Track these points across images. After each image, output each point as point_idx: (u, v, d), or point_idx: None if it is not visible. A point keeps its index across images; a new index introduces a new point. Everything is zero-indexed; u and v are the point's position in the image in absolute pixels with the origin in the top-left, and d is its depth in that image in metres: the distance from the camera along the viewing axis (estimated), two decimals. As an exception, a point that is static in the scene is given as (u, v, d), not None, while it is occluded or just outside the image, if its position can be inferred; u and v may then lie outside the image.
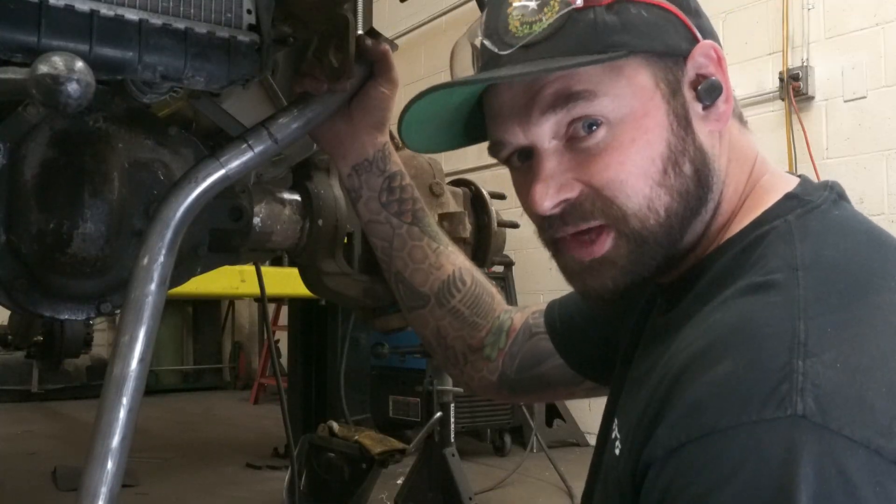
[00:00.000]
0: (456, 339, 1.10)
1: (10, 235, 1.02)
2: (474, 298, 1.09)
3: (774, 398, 0.55)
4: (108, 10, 0.84)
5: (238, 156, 0.95)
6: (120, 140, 1.08)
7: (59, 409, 6.79)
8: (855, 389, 0.55)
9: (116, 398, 0.84)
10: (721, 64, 0.77)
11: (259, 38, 0.95)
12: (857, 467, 0.52)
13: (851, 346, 0.58)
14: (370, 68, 1.05)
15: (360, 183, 1.09)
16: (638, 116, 0.74)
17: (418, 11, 6.24)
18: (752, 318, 0.62)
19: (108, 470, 0.81)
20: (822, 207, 0.73)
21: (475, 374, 1.11)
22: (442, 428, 3.01)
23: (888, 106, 3.78)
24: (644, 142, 0.73)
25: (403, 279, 1.10)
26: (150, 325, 0.87)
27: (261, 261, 1.82)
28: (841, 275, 0.65)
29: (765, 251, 0.70)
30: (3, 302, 1.05)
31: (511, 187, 0.88)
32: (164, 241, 0.89)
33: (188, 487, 3.94)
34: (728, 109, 0.77)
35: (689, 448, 0.57)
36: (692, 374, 0.61)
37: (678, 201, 0.74)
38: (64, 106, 0.72)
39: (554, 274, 0.86)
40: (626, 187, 0.73)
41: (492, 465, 4.45)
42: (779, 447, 0.53)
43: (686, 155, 0.75)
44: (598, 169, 0.74)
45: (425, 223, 1.10)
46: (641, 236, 0.74)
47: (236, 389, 8.44)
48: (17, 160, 1.02)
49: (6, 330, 4.52)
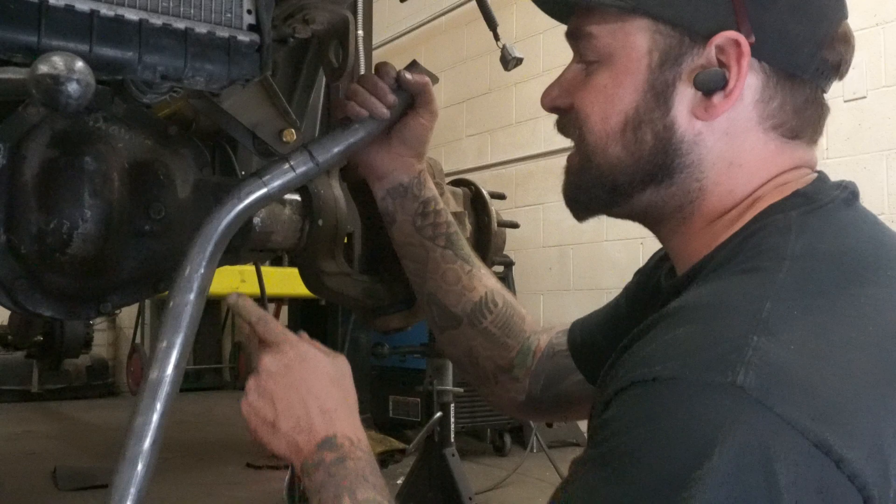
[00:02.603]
0: (487, 359, 1.11)
1: (10, 235, 1.02)
2: (505, 320, 1.11)
3: (720, 364, 0.56)
4: (108, 10, 0.84)
5: (280, 176, 1.00)
6: (120, 140, 1.09)
7: (58, 409, 6.79)
8: (804, 372, 0.56)
9: (151, 402, 0.86)
10: (740, 60, 0.73)
11: (259, 38, 0.95)
12: (779, 444, 0.53)
13: (814, 331, 0.59)
14: (411, 99, 1.08)
15: (395, 207, 1.12)
16: (618, 70, 0.78)
17: (418, 11, 6.23)
18: (725, 294, 0.65)
19: (138, 471, 0.83)
20: (828, 207, 0.73)
21: (505, 394, 1.12)
22: (442, 428, 3.01)
23: (888, 106, 3.78)
24: (616, 94, 0.78)
25: (436, 300, 1.12)
26: (188, 333, 0.90)
27: (261, 261, 1.82)
28: (827, 265, 0.66)
29: (759, 242, 0.70)
30: (4, 302, 1.05)
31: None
32: (206, 253, 0.93)
33: (188, 487, 3.93)
34: (724, 106, 0.75)
35: (630, 390, 0.60)
36: (654, 333, 0.65)
37: (631, 159, 0.79)
38: (64, 106, 0.72)
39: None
40: (589, 121, 0.81)
41: (492, 465, 4.45)
42: (710, 410, 0.55)
43: (650, 125, 0.77)
44: (581, 95, 0.82)
45: (458, 246, 1.12)
46: (590, 162, 0.81)
47: (236, 389, 8.43)
48: (17, 160, 1.02)
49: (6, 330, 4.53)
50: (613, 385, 0.63)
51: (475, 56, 5.75)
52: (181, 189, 1.14)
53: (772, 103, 0.76)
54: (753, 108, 0.76)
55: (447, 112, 6.21)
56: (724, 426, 0.54)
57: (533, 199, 5.24)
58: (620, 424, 0.59)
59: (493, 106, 5.71)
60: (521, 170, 5.44)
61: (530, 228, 5.14)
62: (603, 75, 0.79)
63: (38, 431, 5.69)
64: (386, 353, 3.20)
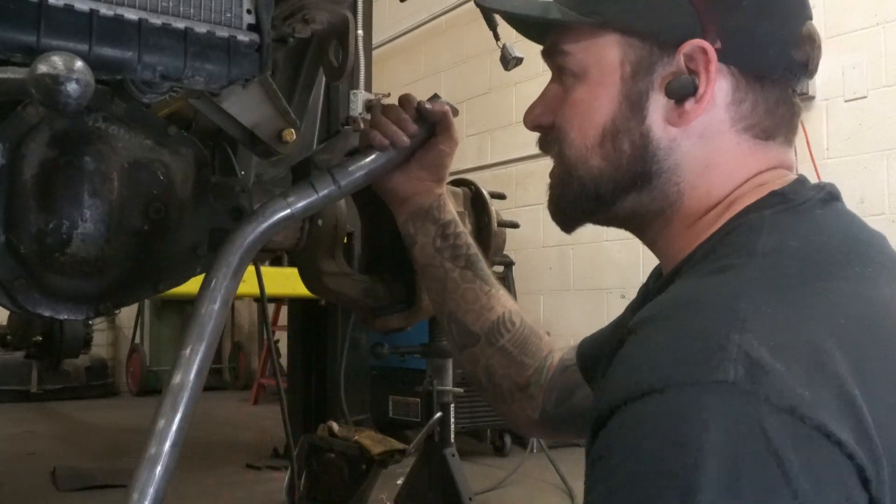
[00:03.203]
0: (503, 377, 1.13)
1: (10, 235, 1.02)
2: (523, 339, 1.14)
3: (708, 364, 0.58)
4: (107, 9, 0.84)
5: (304, 197, 1.06)
6: (120, 140, 1.08)
7: (58, 409, 6.79)
8: (782, 365, 0.57)
9: (173, 406, 0.89)
10: (708, 66, 0.75)
11: (259, 38, 0.95)
12: (778, 429, 0.54)
13: (783, 326, 0.60)
14: (432, 127, 1.13)
15: (416, 230, 1.16)
16: (593, 83, 0.81)
17: (418, 11, 6.23)
18: (699, 295, 0.67)
19: (157, 472, 0.86)
20: (804, 206, 0.74)
21: (520, 412, 1.14)
22: (442, 428, 3.01)
23: (888, 106, 3.78)
24: (593, 107, 0.81)
25: (456, 319, 1.15)
26: (210, 342, 0.94)
27: (261, 261, 1.82)
28: (794, 261, 0.67)
29: (732, 241, 0.72)
30: (3, 302, 1.05)
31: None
32: (231, 266, 0.99)
33: (188, 487, 3.93)
34: (696, 111, 0.76)
35: (628, 407, 0.60)
36: (636, 340, 0.66)
37: (611, 168, 0.81)
38: (64, 106, 0.72)
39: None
40: (568, 137, 0.83)
41: (492, 466, 4.45)
42: (705, 409, 0.56)
43: (627, 135, 0.80)
44: (561, 111, 0.85)
45: (478, 268, 1.15)
46: (571, 175, 0.84)
47: (236, 390, 8.43)
48: (16, 160, 1.02)
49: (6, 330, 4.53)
50: (607, 398, 0.63)
51: (475, 56, 5.74)
52: (181, 189, 1.14)
53: (743, 105, 0.78)
54: (725, 110, 0.78)
55: (447, 112, 6.21)
56: (722, 422, 0.55)
57: (533, 199, 5.24)
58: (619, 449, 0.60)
59: (493, 106, 5.70)
60: (521, 170, 5.44)
61: (530, 228, 5.13)
62: (580, 90, 0.82)
63: (38, 431, 5.69)
64: (386, 353, 3.19)
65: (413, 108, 1.12)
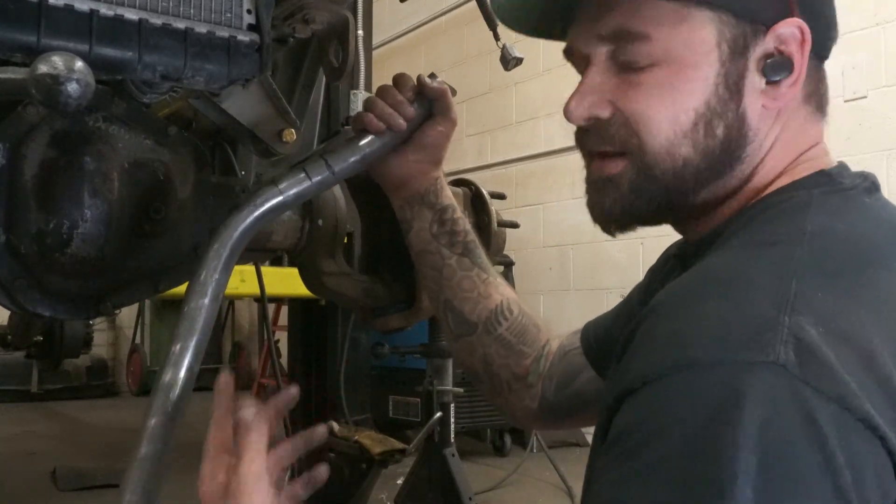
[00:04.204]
0: (502, 366, 1.11)
1: (10, 235, 1.02)
2: (521, 328, 1.11)
3: (758, 343, 0.56)
4: (107, 9, 0.84)
5: (296, 184, 1.01)
6: (120, 140, 1.08)
7: (58, 409, 6.79)
8: (832, 353, 0.56)
9: (164, 403, 0.88)
10: (803, 46, 0.75)
11: (259, 38, 0.95)
12: (825, 418, 0.53)
13: (835, 313, 0.59)
14: (429, 107, 1.07)
15: (412, 215, 1.12)
16: (685, 65, 0.75)
17: (418, 11, 6.23)
18: (746, 268, 0.64)
19: (149, 471, 0.85)
20: (851, 191, 0.74)
21: (518, 402, 1.11)
22: (442, 428, 3.01)
23: (888, 106, 3.78)
24: (684, 91, 0.75)
25: (452, 307, 1.12)
26: (201, 337, 0.91)
27: (261, 261, 1.82)
28: (844, 246, 0.66)
29: (779, 214, 0.71)
30: (3, 302, 1.05)
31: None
32: (221, 259, 0.94)
33: (188, 487, 3.93)
34: (792, 93, 0.76)
35: (667, 380, 0.58)
36: (677, 307, 0.63)
37: (700, 157, 0.76)
38: (64, 106, 0.72)
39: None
40: (651, 125, 0.75)
41: (492, 465, 4.45)
42: (756, 388, 0.54)
43: (723, 119, 0.75)
44: (633, 98, 0.76)
45: (476, 255, 1.12)
46: (651, 173, 0.76)
47: (236, 389, 8.44)
48: (16, 160, 1.02)
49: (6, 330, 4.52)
50: (636, 371, 0.60)
51: (475, 56, 5.74)
52: (181, 189, 1.14)
53: (811, 83, 0.79)
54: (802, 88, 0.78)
55: (447, 112, 6.21)
56: (767, 402, 0.53)
57: (533, 199, 5.24)
58: (664, 420, 0.56)
59: (493, 106, 5.71)
60: (521, 170, 5.44)
61: (530, 228, 5.13)
62: (662, 74, 0.75)
63: (38, 431, 5.69)
64: (386, 353, 3.19)
65: (410, 89, 1.06)
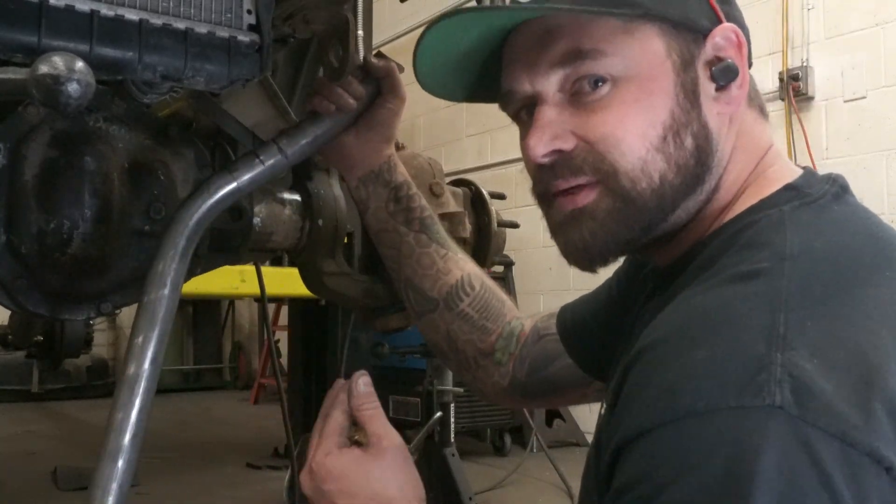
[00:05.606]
0: (466, 342, 1.11)
1: (11, 235, 1.02)
2: (483, 303, 1.10)
3: (752, 387, 0.54)
4: (108, 10, 0.84)
5: (249, 170, 1.01)
6: (120, 140, 1.09)
7: (59, 409, 6.79)
8: (831, 385, 0.55)
9: (129, 397, 0.87)
10: (741, 49, 0.76)
11: (259, 38, 0.95)
12: (830, 458, 0.52)
13: (828, 341, 0.58)
14: (377, 86, 1.08)
15: (368, 194, 1.12)
16: (644, 79, 0.74)
17: (418, 11, 6.22)
18: (732, 306, 0.62)
19: (118, 467, 0.83)
20: (820, 201, 0.73)
21: (487, 378, 1.11)
22: (442, 428, 3.01)
23: (888, 106, 3.78)
24: (647, 104, 0.73)
25: (413, 285, 1.12)
26: (163, 328, 0.90)
27: (261, 261, 1.82)
28: (827, 266, 0.64)
29: (753, 239, 0.69)
30: (4, 302, 1.05)
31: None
32: (178, 248, 0.94)
33: (188, 487, 3.93)
34: (741, 95, 0.77)
35: (662, 431, 0.57)
36: (667, 356, 0.61)
37: (674, 171, 0.74)
38: (64, 106, 0.72)
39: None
40: (621, 144, 0.73)
41: (492, 465, 4.45)
42: (754, 435, 0.53)
43: (689, 128, 0.74)
44: (596, 123, 0.74)
45: (433, 230, 1.12)
46: (629, 196, 0.74)
47: (236, 389, 8.44)
48: (17, 160, 1.02)
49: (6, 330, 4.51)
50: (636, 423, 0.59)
51: (475, 56, 5.74)
52: (181, 189, 1.14)
53: (750, 85, 0.79)
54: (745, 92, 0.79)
55: (447, 112, 6.21)
56: (773, 449, 0.52)
57: (533, 199, 5.23)
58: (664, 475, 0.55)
59: (493, 106, 5.67)
60: (521, 170, 5.43)
61: (530, 228, 5.11)
62: (623, 92, 0.73)
63: (38, 431, 5.70)
64: (386, 353, 3.20)
65: (357, 69, 1.07)
